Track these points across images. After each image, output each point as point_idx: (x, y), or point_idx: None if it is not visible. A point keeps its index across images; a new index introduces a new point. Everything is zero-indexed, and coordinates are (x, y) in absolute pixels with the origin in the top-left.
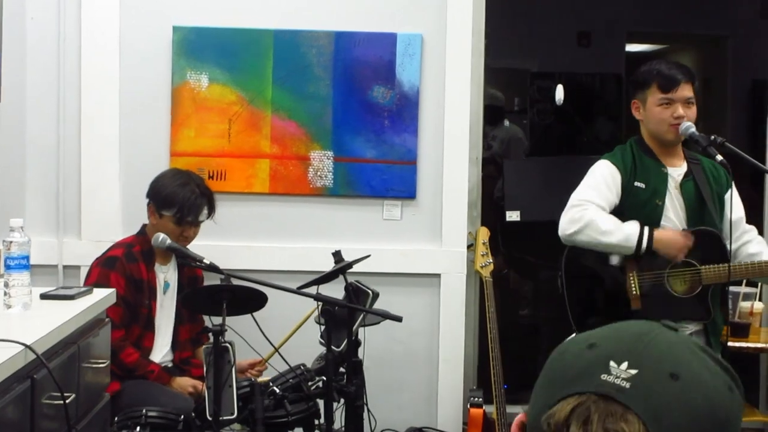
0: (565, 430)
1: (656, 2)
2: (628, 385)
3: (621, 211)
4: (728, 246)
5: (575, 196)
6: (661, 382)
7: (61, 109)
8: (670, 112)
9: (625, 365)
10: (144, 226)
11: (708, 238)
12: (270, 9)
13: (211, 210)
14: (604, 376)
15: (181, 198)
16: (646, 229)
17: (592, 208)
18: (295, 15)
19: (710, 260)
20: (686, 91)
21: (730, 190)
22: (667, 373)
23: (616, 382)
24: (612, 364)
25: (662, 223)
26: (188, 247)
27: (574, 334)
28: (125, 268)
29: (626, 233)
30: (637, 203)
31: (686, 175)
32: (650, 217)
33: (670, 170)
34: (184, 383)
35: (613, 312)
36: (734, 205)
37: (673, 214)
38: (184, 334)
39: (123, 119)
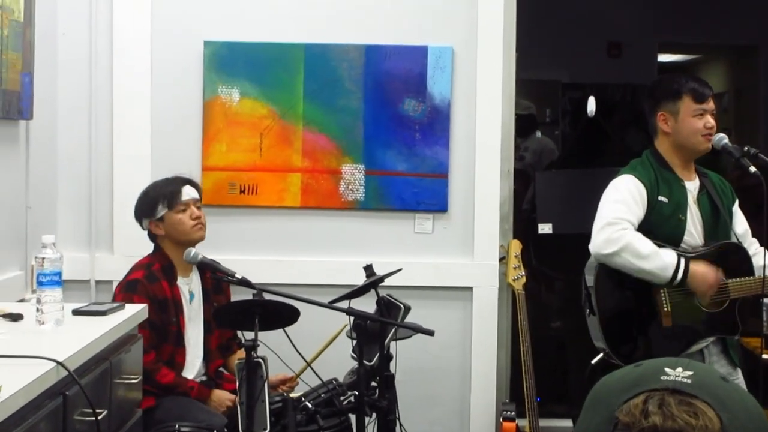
0: (643, 415)
1: (687, 12)
2: (689, 381)
3: (647, 227)
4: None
5: (609, 214)
6: (716, 382)
7: (93, 125)
8: (702, 122)
9: (680, 369)
10: (156, 244)
11: (734, 252)
12: (300, 23)
13: (194, 185)
14: (663, 377)
15: (157, 190)
16: (683, 261)
17: (630, 230)
18: (325, 29)
19: (737, 273)
20: (713, 103)
21: (736, 203)
22: (718, 376)
23: (677, 379)
24: (667, 369)
25: (685, 238)
26: (220, 261)
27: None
28: (147, 289)
29: (664, 262)
30: (661, 218)
31: (701, 188)
32: (674, 232)
33: (687, 184)
34: (223, 397)
35: (645, 331)
36: (740, 218)
37: (693, 228)
38: (214, 342)
39: (154, 134)
